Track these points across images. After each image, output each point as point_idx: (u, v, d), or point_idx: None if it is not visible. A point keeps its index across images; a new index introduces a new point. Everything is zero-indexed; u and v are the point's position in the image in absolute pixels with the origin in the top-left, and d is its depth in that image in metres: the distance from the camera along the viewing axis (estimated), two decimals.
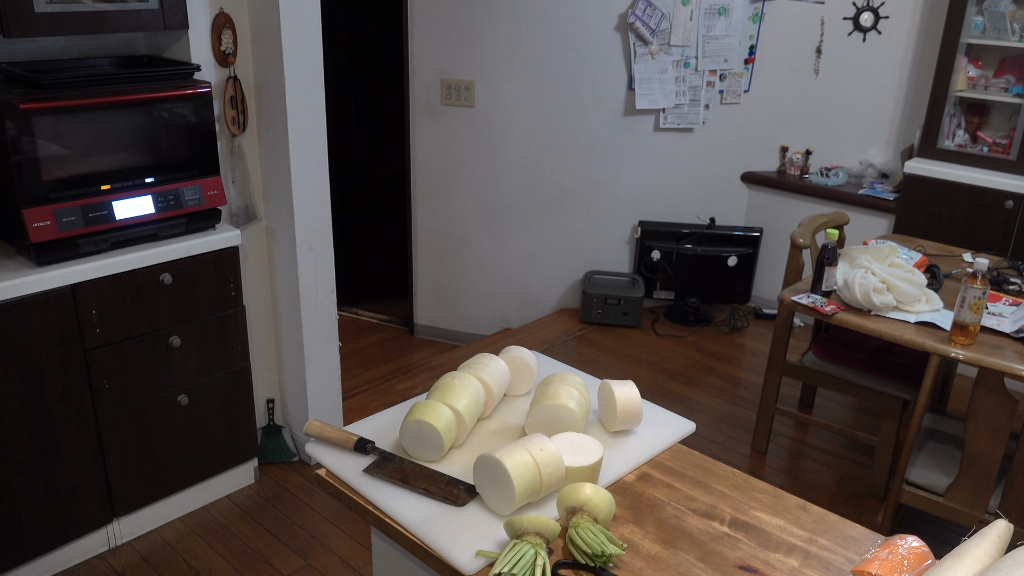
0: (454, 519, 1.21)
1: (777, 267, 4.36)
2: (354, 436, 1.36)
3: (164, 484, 2.61)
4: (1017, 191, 3.48)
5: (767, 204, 4.45)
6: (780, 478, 3.06)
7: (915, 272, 2.55)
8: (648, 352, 4.03)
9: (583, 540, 1.11)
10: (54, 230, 2.19)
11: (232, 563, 2.53)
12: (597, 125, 4.07)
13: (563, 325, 4.27)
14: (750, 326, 4.36)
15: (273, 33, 2.58)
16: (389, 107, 4.35)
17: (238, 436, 2.76)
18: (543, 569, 1.08)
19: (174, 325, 2.47)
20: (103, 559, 2.52)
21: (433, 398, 1.37)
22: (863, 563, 1.06)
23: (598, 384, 1.55)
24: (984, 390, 2.22)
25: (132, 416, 2.45)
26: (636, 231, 4.29)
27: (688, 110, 4.19)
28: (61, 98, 2.16)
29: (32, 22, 2.14)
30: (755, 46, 4.25)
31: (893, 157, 4.12)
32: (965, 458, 2.30)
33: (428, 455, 1.33)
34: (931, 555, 1.09)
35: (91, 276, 2.26)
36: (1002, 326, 2.38)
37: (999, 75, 3.67)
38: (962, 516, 2.36)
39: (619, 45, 3.95)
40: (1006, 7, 3.47)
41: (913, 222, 3.77)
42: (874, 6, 3.99)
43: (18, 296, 2.14)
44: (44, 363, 2.22)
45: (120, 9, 2.29)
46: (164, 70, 2.43)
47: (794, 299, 2.62)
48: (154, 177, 2.39)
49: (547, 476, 1.22)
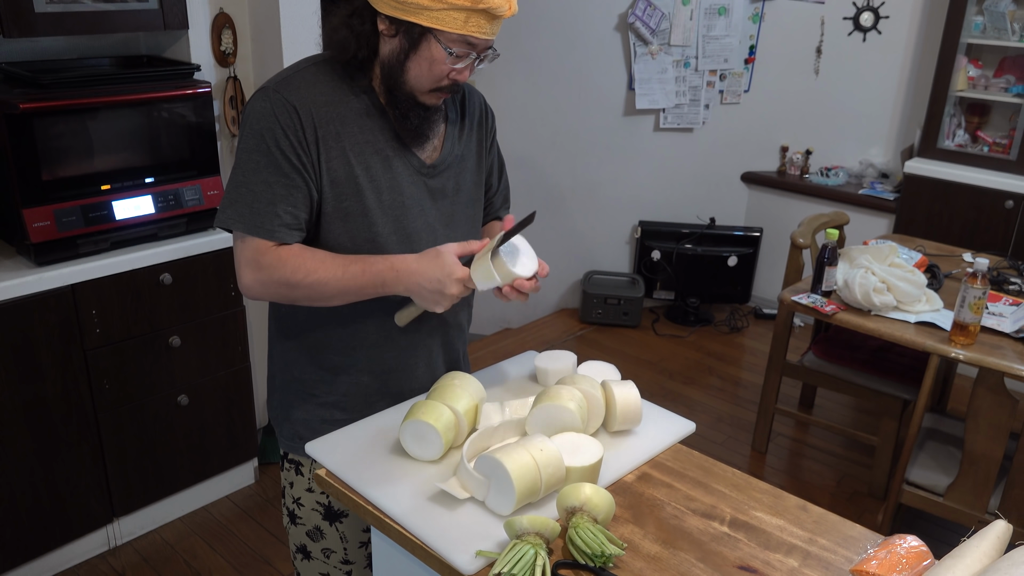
0: (454, 519, 1.21)
1: (777, 267, 4.36)
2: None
3: (164, 484, 2.61)
4: (1017, 191, 3.48)
5: (767, 204, 4.45)
6: (780, 478, 3.06)
7: (915, 272, 2.55)
8: (648, 352, 4.03)
9: (583, 540, 1.11)
10: (54, 230, 2.19)
11: (232, 563, 2.53)
12: (597, 125, 4.07)
13: (563, 325, 4.27)
14: (750, 326, 4.36)
15: (273, 33, 2.58)
16: None
17: (238, 436, 2.76)
18: (543, 569, 1.08)
19: (174, 325, 2.47)
20: (103, 559, 2.52)
21: (433, 398, 1.37)
22: (861, 563, 1.06)
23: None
24: (984, 390, 2.22)
25: (132, 416, 2.45)
26: (636, 231, 4.29)
27: (688, 110, 4.19)
28: (61, 98, 2.16)
29: (32, 22, 2.14)
30: (755, 46, 4.25)
31: (893, 157, 4.12)
32: (965, 458, 2.30)
33: (428, 454, 1.33)
34: (930, 555, 1.09)
35: (91, 276, 2.26)
36: (1002, 326, 2.38)
37: (999, 75, 3.67)
38: (962, 516, 2.36)
39: (619, 45, 3.95)
40: (1006, 7, 3.47)
41: (913, 222, 3.77)
42: (874, 6, 3.99)
43: (18, 296, 2.14)
44: (44, 363, 2.22)
45: (120, 9, 2.29)
46: (164, 70, 2.43)
47: (794, 299, 2.62)
48: (154, 177, 2.39)
49: (547, 476, 1.22)
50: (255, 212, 1.34)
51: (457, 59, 1.33)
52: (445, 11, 1.27)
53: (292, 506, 1.60)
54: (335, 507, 1.57)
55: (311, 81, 1.37)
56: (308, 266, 1.35)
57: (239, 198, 1.35)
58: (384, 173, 1.41)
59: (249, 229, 1.35)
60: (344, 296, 1.38)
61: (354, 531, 1.59)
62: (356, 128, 1.39)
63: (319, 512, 1.58)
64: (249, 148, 1.35)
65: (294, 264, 1.35)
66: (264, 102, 1.34)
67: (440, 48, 1.31)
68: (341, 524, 1.58)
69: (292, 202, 1.35)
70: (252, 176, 1.34)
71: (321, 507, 1.57)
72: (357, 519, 1.59)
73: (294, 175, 1.34)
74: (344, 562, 1.60)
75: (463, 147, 1.54)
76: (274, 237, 1.35)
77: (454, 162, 1.51)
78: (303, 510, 1.59)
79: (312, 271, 1.35)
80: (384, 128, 1.41)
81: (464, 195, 1.55)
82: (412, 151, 1.44)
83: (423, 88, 1.36)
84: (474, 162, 1.57)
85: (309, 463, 1.56)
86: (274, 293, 1.39)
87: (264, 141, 1.33)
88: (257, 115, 1.34)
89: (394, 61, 1.34)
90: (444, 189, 1.50)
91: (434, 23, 1.28)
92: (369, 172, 1.39)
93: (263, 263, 1.35)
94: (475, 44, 1.33)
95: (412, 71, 1.34)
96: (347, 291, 1.37)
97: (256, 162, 1.34)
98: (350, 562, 1.61)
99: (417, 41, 1.31)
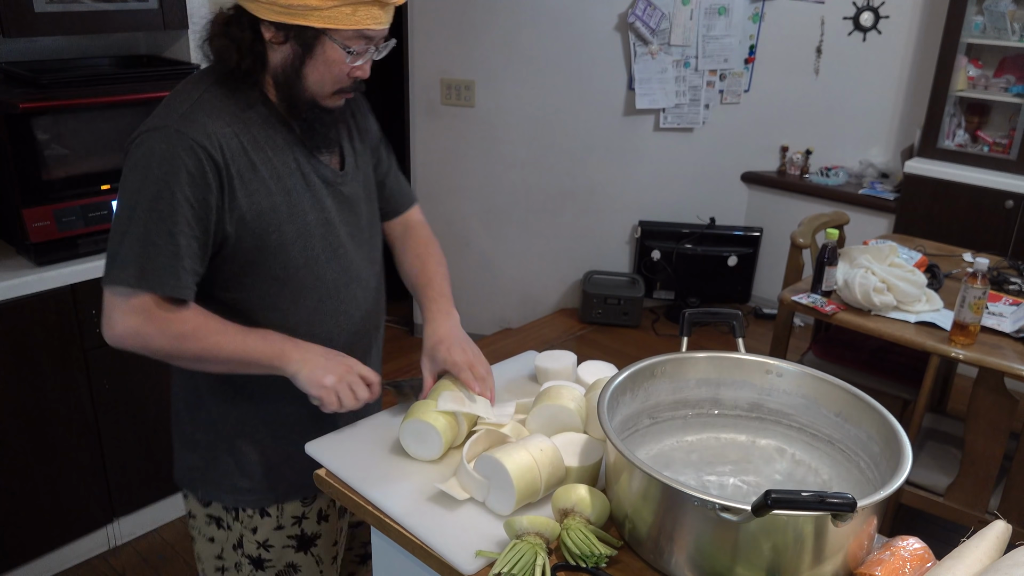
0: (454, 519, 1.21)
1: (777, 267, 4.35)
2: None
3: (164, 484, 2.61)
4: (1017, 191, 3.48)
5: (767, 204, 4.45)
6: None
7: (915, 272, 2.55)
8: (648, 352, 4.00)
9: (572, 542, 1.11)
10: (54, 230, 2.19)
11: None
12: (597, 125, 4.07)
13: (563, 325, 4.27)
14: (750, 326, 4.36)
15: None
16: (389, 107, 4.35)
17: None
18: (543, 569, 1.08)
19: None
20: (103, 559, 2.52)
21: (432, 398, 1.37)
22: (866, 565, 1.06)
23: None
24: (984, 390, 2.22)
25: (132, 416, 2.45)
26: (636, 231, 4.29)
27: (688, 110, 4.18)
28: (61, 98, 2.16)
29: (32, 22, 2.14)
30: (755, 46, 4.25)
31: (893, 157, 4.12)
32: (965, 458, 2.30)
33: (427, 454, 1.33)
34: (932, 556, 1.09)
35: (91, 276, 2.25)
36: (1002, 326, 2.38)
37: (999, 75, 3.67)
38: (962, 516, 2.35)
39: (619, 45, 3.94)
40: (1006, 7, 3.47)
41: (913, 222, 3.77)
42: (874, 6, 3.99)
43: (18, 296, 2.14)
44: (44, 363, 2.22)
45: (120, 9, 2.29)
46: (164, 70, 2.43)
47: (794, 299, 2.62)
48: None
49: (547, 476, 1.22)
50: (158, 268, 1.22)
51: (356, 56, 1.27)
52: (336, 8, 1.20)
53: (256, 553, 1.50)
54: (308, 532, 1.51)
55: (210, 110, 1.26)
56: (209, 326, 1.27)
57: (141, 253, 1.21)
58: (304, 192, 1.34)
59: (153, 287, 1.22)
60: (234, 364, 1.30)
61: (327, 549, 1.55)
62: (269, 151, 1.31)
63: (292, 547, 1.51)
64: (149, 196, 1.21)
65: (195, 323, 1.26)
66: (165, 144, 1.22)
67: (337, 48, 1.24)
68: (315, 547, 1.53)
69: (195, 256, 1.25)
70: (153, 227, 1.21)
71: (294, 540, 1.50)
72: (328, 535, 1.55)
73: (197, 226, 1.24)
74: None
75: (356, 142, 1.48)
76: (178, 293, 1.24)
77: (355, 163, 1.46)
78: (273, 551, 1.50)
79: (212, 332, 1.27)
80: (290, 139, 1.34)
81: (370, 195, 1.50)
82: (320, 160, 1.38)
83: (324, 92, 1.30)
84: (367, 155, 1.51)
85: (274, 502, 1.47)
86: (155, 348, 1.26)
87: (169, 188, 1.21)
88: (159, 159, 1.22)
89: (288, 69, 1.26)
90: (355, 195, 1.44)
91: (326, 23, 1.21)
92: (291, 196, 1.32)
93: (156, 316, 1.24)
94: (371, 36, 1.26)
95: (311, 77, 1.27)
96: (242, 360, 1.29)
97: (159, 212, 1.21)
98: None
99: (311, 45, 1.24)
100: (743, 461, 1.32)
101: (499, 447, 1.25)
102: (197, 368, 1.35)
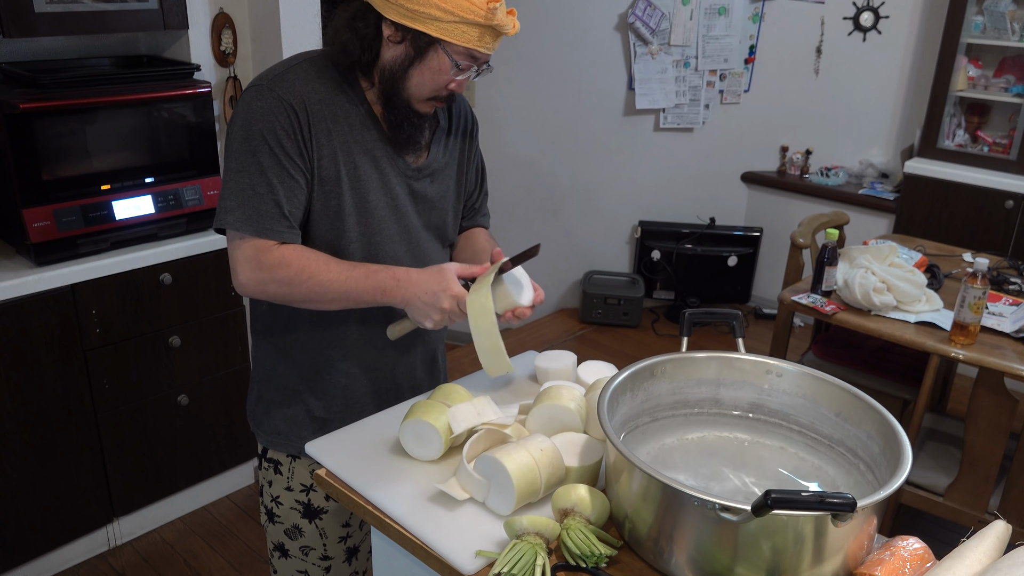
0: (454, 519, 1.21)
1: (777, 267, 4.35)
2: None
3: (164, 484, 2.61)
4: (1017, 191, 3.48)
5: (767, 204, 4.45)
6: None
7: (915, 272, 2.55)
8: (648, 352, 4.02)
9: (572, 542, 1.11)
10: (54, 230, 2.19)
11: (232, 563, 2.53)
12: (597, 125, 4.07)
13: (563, 325, 4.27)
14: (750, 326, 4.36)
15: (273, 33, 2.58)
16: None
17: (238, 436, 2.76)
18: (543, 569, 1.08)
19: (174, 325, 2.47)
20: (103, 559, 2.52)
21: (433, 398, 1.37)
22: (866, 565, 1.06)
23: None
24: (984, 390, 2.22)
25: (132, 416, 2.45)
26: (636, 231, 4.29)
27: (688, 110, 4.19)
28: (61, 98, 2.16)
29: (32, 22, 2.14)
30: (755, 46, 4.25)
31: (893, 157, 4.12)
32: (965, 458, 2.30)
33: (428, 454, 1.33)
34: (932, 557, 1.09)
35: (91, 276, 2.26)
36: (1002, 326, 2.38)
37: (999, 75, 3.67)
38: (962, 516, 2.36)
39: (619, 45, 3.95)
40: (1006, 7, 3.47)
41: (913, 222, 3.77)
42: (874, 6, 3.99)
43: (18, 296, 2.14)
44: (44, 363, 2.22)
45: (120, 9, 2.29)
46: (164, 70, 2.43)
47: (794, 299, 2.62)
48: (154, 177, 2.39)
49: (547, 476, 1.22)
50: (261, 214, 1.33)
51: (460, 71, 1.34)
52: (456, 24, 1.28)
53: (270, 504, 1.60)
54: (314, 505, 1.57)
55: (304, 78, 1.36)
56: (311, 268, 1.35)
57: (244, 200, 1.34)
58: (370, 174, 1.41)
59: (256, 231, 1.34)
60: (341, 301, 1.38)
61: (333, 527, 1.59)
62: (346, 127, 1.39)
63: (298, 511, 1.57)
64: (249, 148, 1.33)
65: (298, 265, 1.34)
66: (260, 100, 1.33)
67: (447, 59, 1.32)
68: (321, 520, 1.58)
69: (295, 202, 1.36)
70: (256, 177, 1.33)
71: (300, 505, 1.57)
72: (336, 515, 1.59)
73: (296, 174, 1.35)
74: (323, 558, 1.60)
75: (448, 155, 1.54)
76: (280, 238, 1.35)
77: (438, 169, 1.52)
78: (282, 508, 1.58)
79: (315, 273, 1.35)
80: (375, 133, 1.41)
81: (442, 202, 1.55)
82: (401, 156, 1.45)
83: (421, 96, 1.37)
84: (455, 170, 1.57)
85: (288, 461, 1.56)
86: (272, 292, 1.38)
87: (265, 141, 1.32)
88: (255, 114, 1.33)
89: (396, 67, 1.34)
90: (425, 194, 1.50)
91: (444, 35, 1.29)
92: (356, 172, 1.39)
93: (264, 262, 1.34)
94: (478, 58, 1.35)
95: (414, 79, 1.34)
96: (346, 296, 1.37)
97: (259, 163, 1.33)
98: (329, 558, 1.61)
99: (424, 50, 1.32)
100: (743, 461, 1.32)
101: (499, 447, 1.25)
102: (314, 308, 1.41)
